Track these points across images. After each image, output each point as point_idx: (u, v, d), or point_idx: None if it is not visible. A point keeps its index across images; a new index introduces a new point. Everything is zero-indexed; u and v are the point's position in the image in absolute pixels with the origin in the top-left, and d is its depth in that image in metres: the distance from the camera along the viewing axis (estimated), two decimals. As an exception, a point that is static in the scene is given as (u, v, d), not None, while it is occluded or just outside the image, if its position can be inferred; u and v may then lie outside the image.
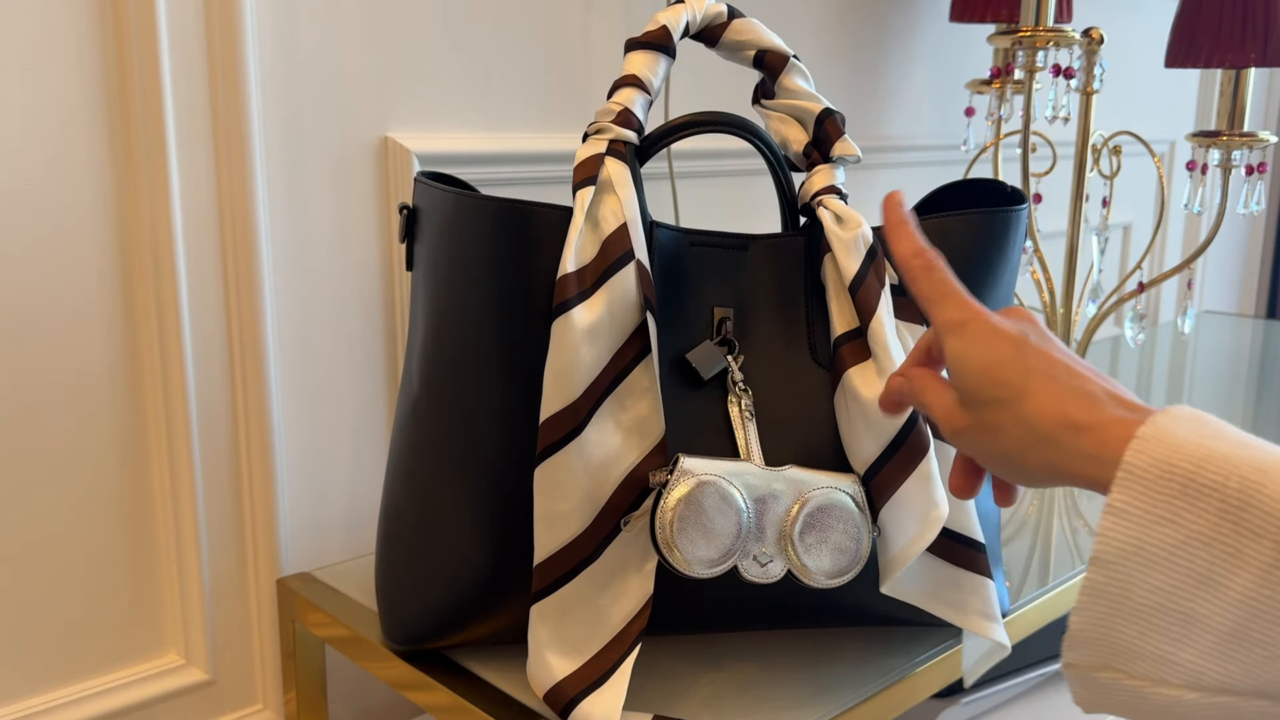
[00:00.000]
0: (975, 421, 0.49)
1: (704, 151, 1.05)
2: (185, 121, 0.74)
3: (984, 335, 0.48)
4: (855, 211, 0.66)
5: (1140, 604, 0.40)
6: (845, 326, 0.64)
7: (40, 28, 0.68)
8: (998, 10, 1.25)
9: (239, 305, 0.78)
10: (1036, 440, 0.45)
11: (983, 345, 0.48)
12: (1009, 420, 0.47)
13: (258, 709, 0.85)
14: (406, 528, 0.67)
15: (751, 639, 0.72)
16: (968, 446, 0.50)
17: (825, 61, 1.21)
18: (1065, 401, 0.45)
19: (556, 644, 0.60)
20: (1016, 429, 0.46)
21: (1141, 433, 0.41)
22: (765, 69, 0.69)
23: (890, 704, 0.67)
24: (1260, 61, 1.11)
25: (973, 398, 0.48)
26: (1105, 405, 0.44)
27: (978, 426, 0.48)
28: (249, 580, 0.83)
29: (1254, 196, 1.19)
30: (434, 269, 0.65)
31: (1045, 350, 0.47)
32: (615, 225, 0.60)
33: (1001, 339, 0.48)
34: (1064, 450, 0.44)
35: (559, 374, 0.58)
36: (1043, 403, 0.45)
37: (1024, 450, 0.46)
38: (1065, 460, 0.44)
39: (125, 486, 0.77)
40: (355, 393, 0.87)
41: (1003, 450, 0.47)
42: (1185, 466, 0.39)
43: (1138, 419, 0.42)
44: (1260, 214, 2.25)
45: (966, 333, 0.49)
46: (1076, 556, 0.87)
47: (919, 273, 0.52)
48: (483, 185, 0.70)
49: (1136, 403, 0.44)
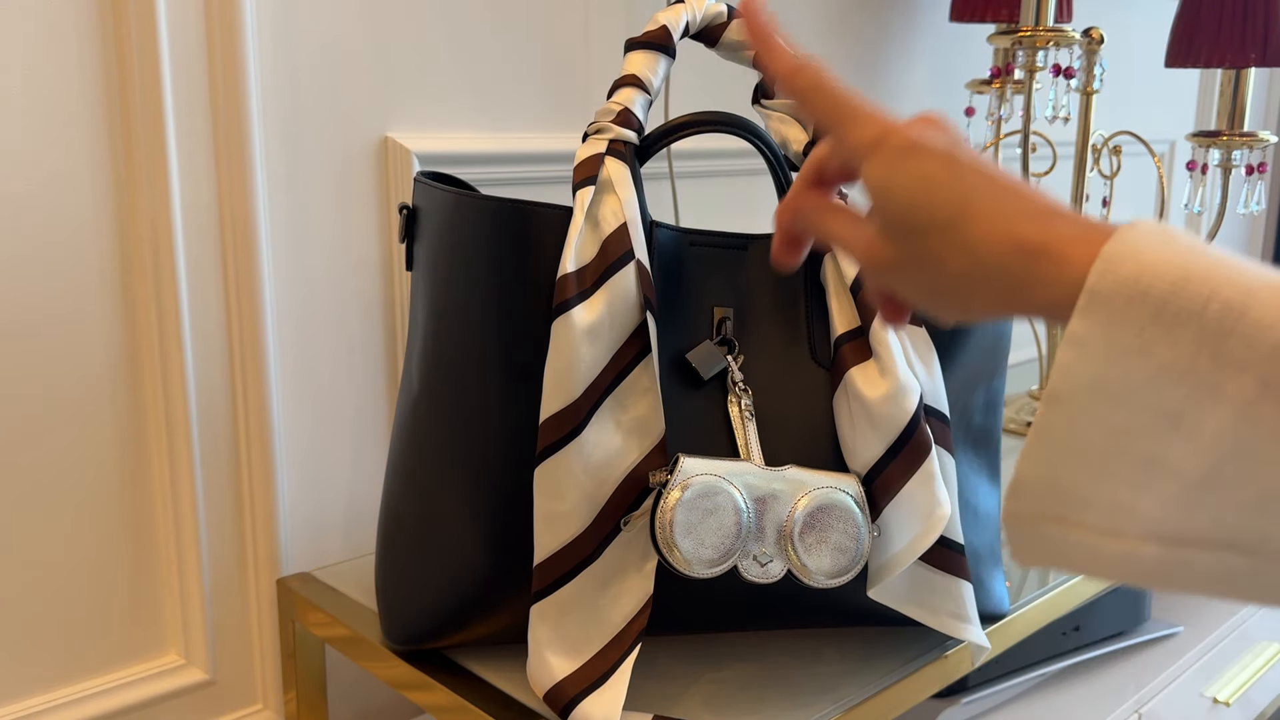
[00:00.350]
0: (906, 254, 0.41)
1: (704, 151, 1.05)
2: (185, 121, 0.74)
3: (907, 153, 0.40)
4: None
5: (1099, 446, 0.34)
6: (846, 326, 0.64)
7: (40, 28, 0.68)
8: (998, 10, 1.25)
9: (239, 305, 0.78)
10: (984, 270, 0.38)
11: (908, 165, 0.40)
12: (949, 249, 0.39)
13: (258, 709, 0.85)
14: (406, 528, 0.67)
15: (751, 639, 0.72)
16: (899, 283, 0.42)
17: (825, 61, 1.20)
18: (1015, 221, 0.38)
19: (556, 644, 0.60)
20: (959, 259, 0.39)
21: (1107, 251, 0.34)
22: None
23: (890, 704, 0.67)
24: (1260, 61, 1.11)
25: (901, 227, 0.41)
26: (1060, 222, 0.37)
27: (910, 260, 0.41)
28: (249, 580, 0.83)
29: (1254, 196, 1.19)
30: (434, 269, 0.65)
31: (979, 166, 0.40)
32: (615, 225, 0.60)
33: (928, 156, 0.40)
34: (1017, 277, 0.38)
35: (559, 374, 0.58)
36: (989, 226, 0.38)
37: (969, 282, 0.39)
38: (1019, 290, 0.38)
39: (125, 486, 0.77)
40: (355, 393, 0.87)
41: (942, 285, 0.40)
42: (1159, 288, 0.33)
43: (1100, 236, 0.35)
44: (1260, 214, 2.25)
45: (885, 152, 0.41)
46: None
47: (806, 92, 0.44)
48: (483, 185, 0.70)
49: (1094, 220, 0.38)
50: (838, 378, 0.64)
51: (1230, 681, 1.15)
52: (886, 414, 0.62)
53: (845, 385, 0.63)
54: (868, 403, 0.62)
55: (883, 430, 0.62)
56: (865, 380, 0.63)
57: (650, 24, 0.65)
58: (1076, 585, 0.84)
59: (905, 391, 0.62)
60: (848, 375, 0.63)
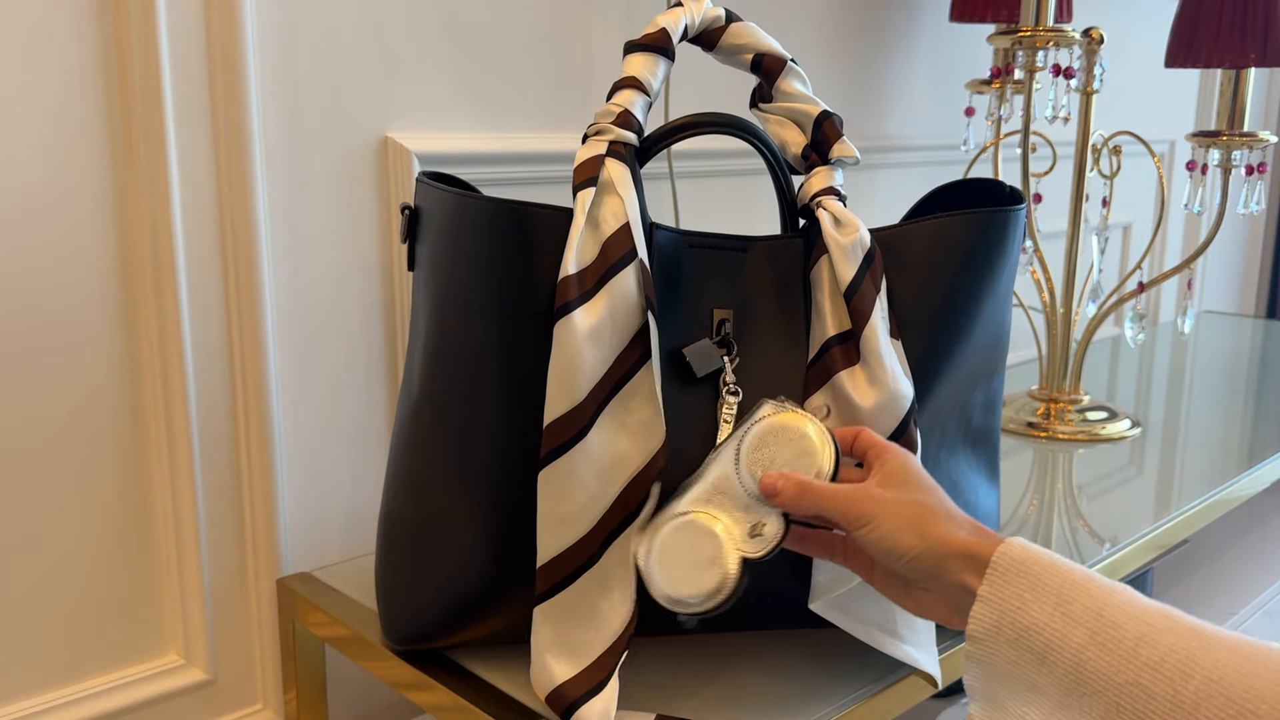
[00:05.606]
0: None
1: (704, 152, 1.05)
2: (185, 121, 0.74)
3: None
4: (853, 214, 0.66)
5: (1004, 671, 0.51)
6: (837, 328, 0.64)
7: (40, 28, 0.68)
8: (998, 10, 1.25)
9: (239, 305, 0.78)
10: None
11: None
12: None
13: (258, 709, 0.85)
14: (406, 527, 0.67)
15: (751, 639, 0.72)
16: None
17: (825, 62, 1.21)
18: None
19: (558, 647, 0.60)
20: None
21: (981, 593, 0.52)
22: (762, 73, 0.69)
23: (890, 704, 0.67)
24: (1260, 61, 1.11)
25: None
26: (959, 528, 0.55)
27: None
28: (249, 580, 0.83)
29: (1254, 196, 1.19)
30: (435, 269, 0.65)
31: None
32: (616, 226, 0.60)
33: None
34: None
35: (563, 376, 0.58)
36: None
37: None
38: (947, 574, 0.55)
39: (125, 486, 0.77)
40: (355, 393, 0.87)
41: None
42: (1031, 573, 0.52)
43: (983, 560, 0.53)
44: (1260, 214, 2.25)
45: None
46: (1076, 556, 0.87)
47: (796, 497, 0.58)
48: (483, 185, 0.70)
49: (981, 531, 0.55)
50: (823, 378, 0.64)
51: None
52: (878, 423, 0.63)
53: (834, 388, 0.64)
54: (860, 410, 0.62)
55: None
56: (854, 386, 0.63)
57: (649, 26, 0.65)
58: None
59: (896, 399, 0.63)
60: (837, 378, 0.63)
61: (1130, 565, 0.90)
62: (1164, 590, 1.31)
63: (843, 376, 0.63)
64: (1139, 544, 0.91)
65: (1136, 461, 1.13)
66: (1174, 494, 1.03)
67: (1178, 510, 0.98)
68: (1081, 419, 1.23)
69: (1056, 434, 1.21)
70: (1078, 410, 1.24)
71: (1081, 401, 1.25)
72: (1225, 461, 1.12)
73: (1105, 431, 1.21)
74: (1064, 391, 1.25)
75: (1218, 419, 1.28)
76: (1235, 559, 1.44)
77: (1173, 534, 0.96)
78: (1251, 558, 1.45)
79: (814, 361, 0.65)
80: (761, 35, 0.68)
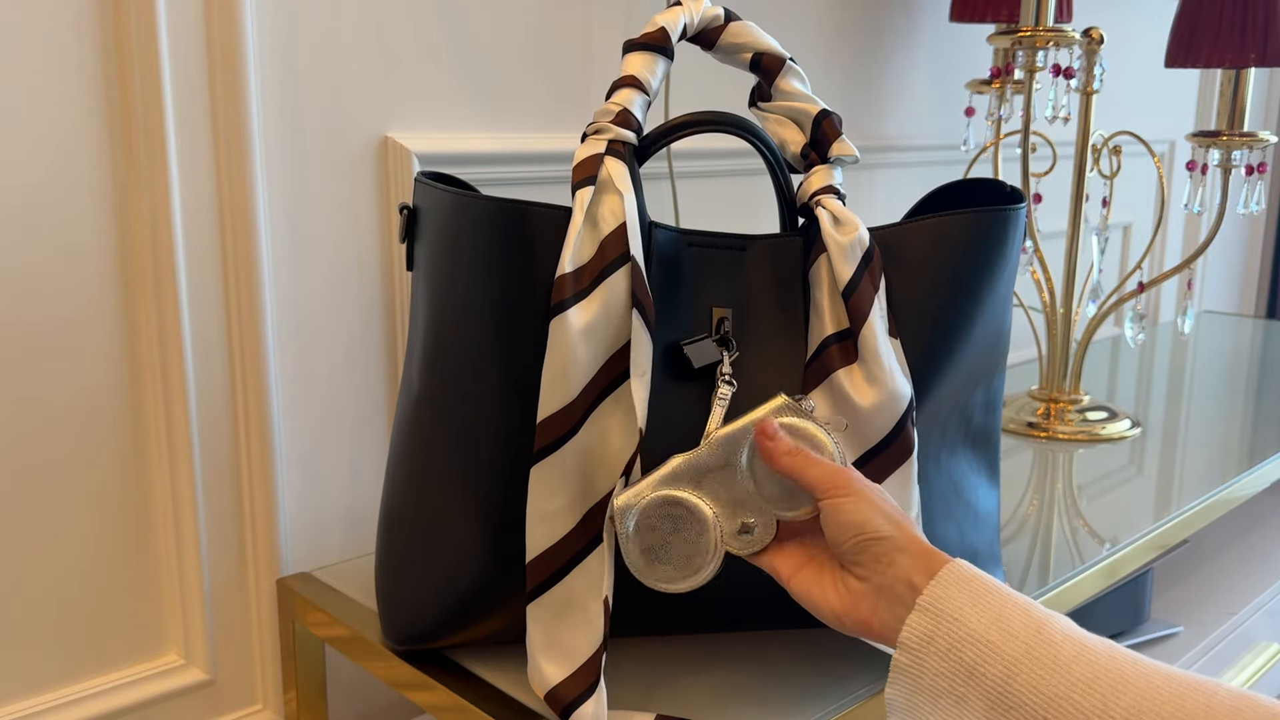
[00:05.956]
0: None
1: (704, 151, 1.05)
2: (185, 121, 0.74)
3: None
4: (852, 213, 0.66)
5: (930, 684, 0.51)
6: (835, 327, 0.64)
7: (40, 28, 0.68)
8: (998, 10, 1.25)
9: (239, 305, 0.78)
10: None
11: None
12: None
13: (258, 709, 0.85)
14: (406, 527, 0.67)
15: (751, 639, 0.72)
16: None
17: (825, 60, 1.21)
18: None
19: (549, 649, 0.60)
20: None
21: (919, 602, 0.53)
22: (761, 72, 0.69)
23: (889, 704, 0.67)
24: (1260, 61, 1.11)
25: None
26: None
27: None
28: (249, 580, 0.83)
29: (1254, 196, 1.19)
30: (435, 268, 0.65)
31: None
32: (614, 225, 0.60)
33: None
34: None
35: (556, 374, 0.58)
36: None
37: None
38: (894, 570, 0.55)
39: (125, 486, 0.77)
40: (355, 393, 0.87)
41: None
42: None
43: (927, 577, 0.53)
44: (1260, 214, 2.25)
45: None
46: (1076, 556, 0.87)
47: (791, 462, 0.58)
48: (483, 185, 0.70)
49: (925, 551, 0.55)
50: (821, 376, 0.64)
51: (1230, 681, 1.15)
52: (875, 422, 0.63)
53: (832, 386, 0.64)
54: (858, 409, 0.62)
55: (865, 437, 0.63)
56: (852, 385, 0.63)
57: (648, 26, 0.65)
58: (1076, 584, 0.84)
59: (894, 398, 0.63)
60: (834, 377, 0.63)
61: (1130, 565, 0.90)
62: (1164, 590, 1.31)
63: (840, 375, 0.63)
64: (1139, 544, 0.91)
65: (1136, 461, 1.13)
66: (1174, 494, 1.03)
67: (1178, 510, 0.98)
68: (1081, 419, 1.23)
69: (1056, 434, 1.21)
70: (1078, 410, 1.24)
71: (1081, 401, 1.25)
72: (1225, 461, 1.12)
73: (1105, 431, 1.21)
74: (1064, 391, 1.25)
75: (1218, 419, 1.28)
76: (1235, 559, 1.44)
77: (1173, 534, 0.96)
78: (1251, 558, 1.45)
79: (812, 360, 0.65)
80: (760, 34, 0.68)
